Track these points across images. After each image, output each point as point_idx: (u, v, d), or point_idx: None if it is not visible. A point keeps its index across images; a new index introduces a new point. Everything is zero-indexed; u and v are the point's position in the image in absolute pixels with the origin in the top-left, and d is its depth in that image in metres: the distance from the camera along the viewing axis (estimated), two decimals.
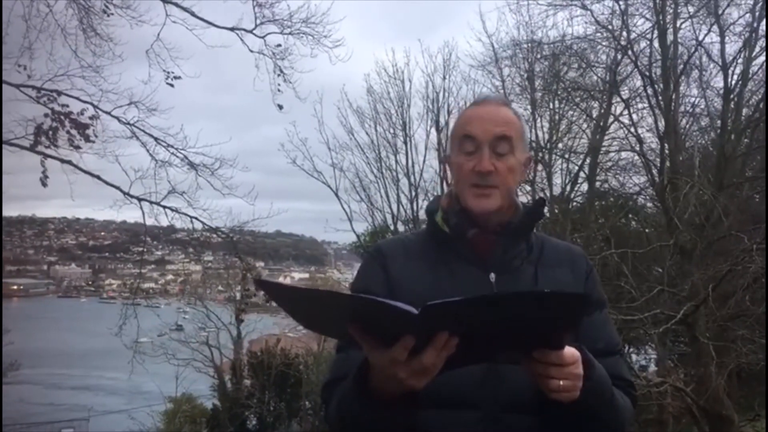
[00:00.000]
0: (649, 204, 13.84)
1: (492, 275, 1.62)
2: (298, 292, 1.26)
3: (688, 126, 12.79)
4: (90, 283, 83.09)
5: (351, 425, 1.48)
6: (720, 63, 11.13)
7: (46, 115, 8.10)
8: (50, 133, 8.06)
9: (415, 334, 1.20)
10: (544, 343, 1.30)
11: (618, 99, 12.51)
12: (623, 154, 13.71)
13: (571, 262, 1.72)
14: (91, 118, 8.41)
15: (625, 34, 11.27)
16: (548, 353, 1.30)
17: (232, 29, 9.25)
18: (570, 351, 1.32)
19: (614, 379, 1.56)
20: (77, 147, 8.33)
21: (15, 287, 72.93)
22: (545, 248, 1.72)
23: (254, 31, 9.25)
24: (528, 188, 13.06)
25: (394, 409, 1.35)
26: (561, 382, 1.33)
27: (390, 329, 1.22)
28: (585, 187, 14.44)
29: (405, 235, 1.88)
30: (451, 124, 1.90)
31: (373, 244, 1.88)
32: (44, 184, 8.20)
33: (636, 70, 11.24)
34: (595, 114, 13.60)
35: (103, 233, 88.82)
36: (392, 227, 15.63)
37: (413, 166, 15.66)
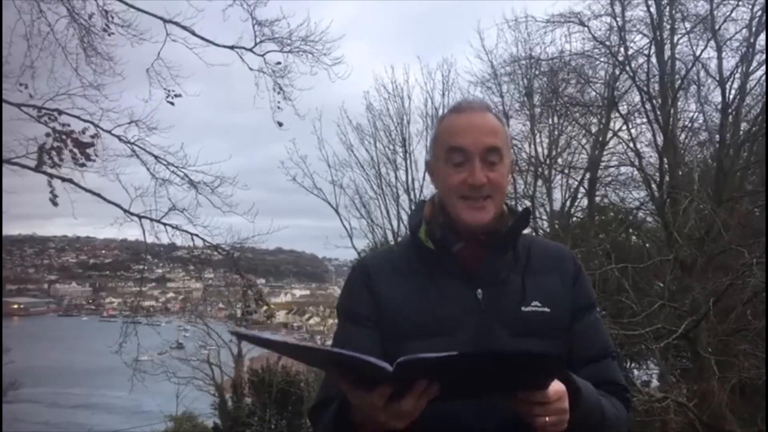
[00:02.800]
0: (649, 219, 13.83)
1: (479, 291, 1.59)
2: (274, 345, 1.29)
3: (686, 141, 12.82)
4: (90, 301, 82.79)
5: None
6: (717, 78, 11.16)
7: (47, 135, 8.13)
8: (53, 152, 8.09)
9: (392, 385, 1.21)
10: (527, 386, 1.32)
11: (617, 114, 12.58)
12: (623, 169, 13.74)
13: (559, 267, 1.69)
14: (92, 137, 8.45)
15: (622, 50, 11.35)
16: (533, 394, 1.31)
17: (232, 47, 9.30)
18: (555, 388, 1.33)
19: (608, 385, 1.58)
20: (82, 165, 8.36)
21: (15, 306, 72.68)
22: (532, 253, 1.69)
23: (254, 50, 9.30)
24: (528, 203, 13.09)
25: None
26: (547, 419, 1.33)
27: (368, 376, 1.22)
28: (585, 202, 14.47)
29: (390, 247, 1.85)
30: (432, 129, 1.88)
31: (359, 260, 1.86)
32: (54, 204, 8.19)
33: (634, 85, 11.32)
34: (594, 129, 13.65)
35: (103, 251, 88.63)
36: (392, 243, 15.62)
37: (413, 183, 15.71)
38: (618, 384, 1.64)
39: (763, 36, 10.47)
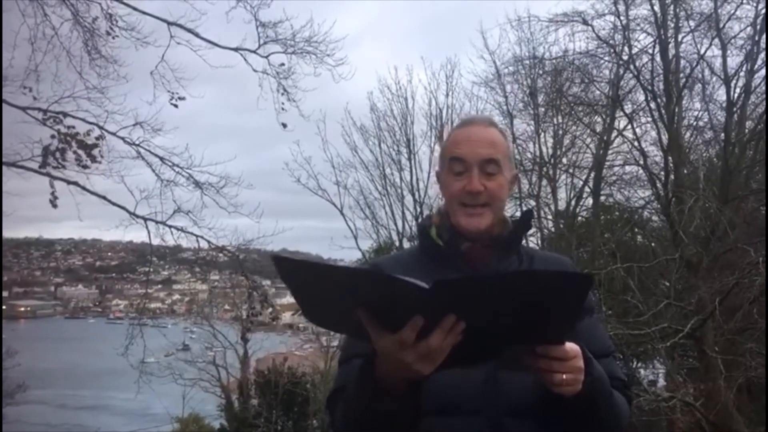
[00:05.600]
0: (654, 218, 13.81)
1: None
2: (316, 269, 1.27)
3: (691, 139, 12.77)
4: (97, 303, 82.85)
5: (359, 427, 1.49)
6: (722, 76, 11.14)
7: (53, 137, 8.17)
8: (57, 154, 8.12)
9: (424, 315, 1.22)
10: (546, 337, 1.34)
11: (621, 113, 12.53)
12: (627, 168, 13.71)
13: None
14: (97, 138, 8.48)
15: (626, 49, 11.35)
16: (551, 348, 1.35)
17: (235, 49, 9.34)
18: (571, 345, 1.38)
19: (610, 380, 1.60)
20: (85, 167, 8.39)
21: (22, 308, 73.01)
22: (535, 261, 1.78)
23: (258, 51, 9.33)
24: (533, 203, 13.08)
25: (399, 401, 1.36)
26: (564, 376, 1.37)
27: (399, 311, 1.23)
28: (590, 201, 14.44)
29: (399, 253, 1.94)
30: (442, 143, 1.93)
31: (371, 262, 1.91)
32: (54, 206, 8.24)
33: (638, 84, 11.28)
34: (598, 129, 13.62)
35: (109, 254, 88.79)
36: (397, 244, 15.63)
37: (417, 183, 15.71)
38: (619, 379, 1.69)
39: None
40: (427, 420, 1.47)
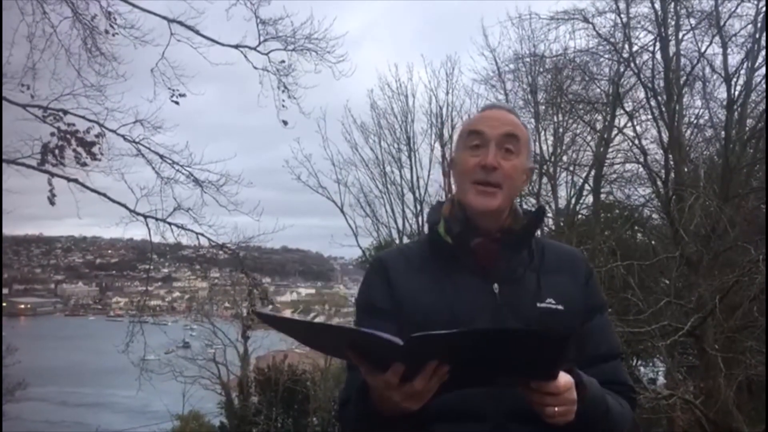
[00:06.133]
0: (654, 216, 13.78)
1: (495, 286, 1.63)
2: (293, 324, 1.37)
3: (692, 137, 12.75)
4: (97, 301, 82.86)
5: None
6: (723, 74, 11.12)
7: (52, 134, 8.16)
8: (57, 151, 8.11)
9: (405, 363, 1.25)
10: (537, 375, 1.35)
11: (621, 111, 12.52)
12: (628, 166, 13.68)
13: (571, 268, 1.73)
14: (96, 136, 8.47)
15: (627, 46, 11.32)
16: (543, 384, 1.36)
17: (236, 47, 9.32)
18: (563, 379, 1.38)
19: (615, 384, 1.62)
20: (84, 164, 8.38)
21: (22, 306, 72.97)
22: (546, 253, 1.73)
23: (258, 48, 9.31)
24: (533, 201, 13.06)
25: (399, 427, 1.39)
26: (556, 409, 1.39)
27: (382, 357, 1.26)
28: (590, 199, 14.42)
29: (405, 245, 1.90)
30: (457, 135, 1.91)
31: (375, 256, 1.90)
32: (52, 203, 8.23)
33: (639, 82, 11.26)
34: (599, 126, 13.61)
35: (110, 251, 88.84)
36: (398, 241, 15.63)
37: (418, 181, 15.73)
38: (625, 384, 1.69)
39: None
40: (433, 426, 1.48)
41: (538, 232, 1.79)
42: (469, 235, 1.66)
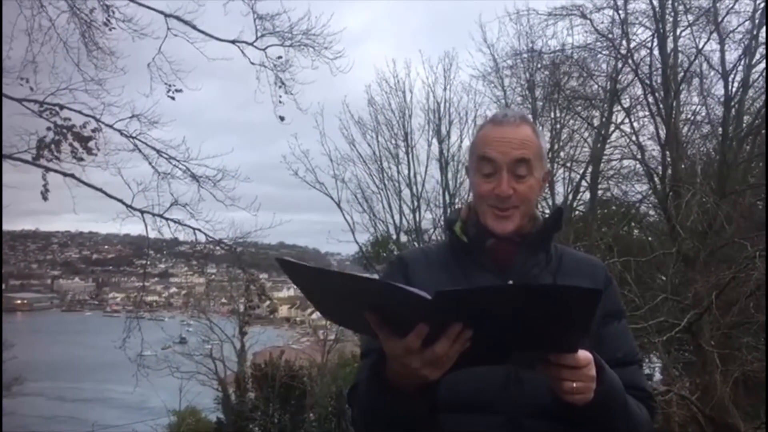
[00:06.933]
0: (651, 212, 13.80)
1: (510, 283, 1.62)
2: (317, 275, 1.27)
3: (689, 134, 12.77)
4: (94, 296, 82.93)
5: (374, 424, 1.50)
6: (720, 71, 11.14)
7: (48, 129, 8.14)
8: (53, 146, 8.09)
9: (429, 323, 1.21)
10: (557, 346, 1.31)
11: (619, 107, 12.53)
12: (625, 163, 13.68)
13: (591, 273, 1.73)
14: (93, 131, 8.45)
15: (625, 42, 11.31)
16: (563, 356, 1.33)
17: (233, 42, 9.29)
18: (583, 353, 1.35)
19: (633, 390, 1.59)
20: (80, 159, 8.35)
21: (19, 301, 72.83)
22: (564, 259, 1.74)
23: (255, 44, 9.29)
24: None
25: (411, 402, 1.36)
26: (575, 384, 1.35)
27: (405, 317, 1.22)
28: (587, 195, 14.42)
29: (428, 245, 1.95)
30: (472, 135, 1.89)
31: (397, 254, 1.89)
32: (45, 198, 8.20)
33: (636, 78, 11.27)
34: (596, 123, 13.59)
35: (106, 247, 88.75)
36: (394, 237, 15.64)
37: (415, 177, 15.70)
38: (644, 390, 1.66)
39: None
40: (446, 417, 1.48)
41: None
42: (484, 237, 1.68)
